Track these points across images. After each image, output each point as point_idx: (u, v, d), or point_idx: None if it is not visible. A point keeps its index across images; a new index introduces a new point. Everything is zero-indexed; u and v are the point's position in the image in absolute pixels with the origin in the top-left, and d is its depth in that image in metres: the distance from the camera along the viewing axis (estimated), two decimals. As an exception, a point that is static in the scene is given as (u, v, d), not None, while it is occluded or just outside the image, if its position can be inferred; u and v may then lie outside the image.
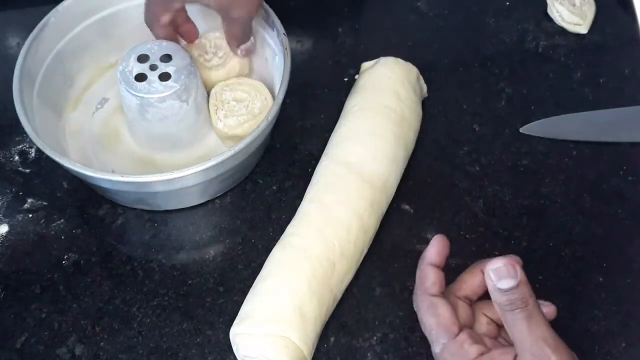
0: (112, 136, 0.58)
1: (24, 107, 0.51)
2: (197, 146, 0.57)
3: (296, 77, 0.56)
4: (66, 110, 0.59)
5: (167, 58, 0.53)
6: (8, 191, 0.56)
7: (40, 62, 0.56)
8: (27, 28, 0.68)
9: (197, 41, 0.58)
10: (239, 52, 0.56)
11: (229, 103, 0.56)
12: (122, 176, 0.48)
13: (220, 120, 0.55)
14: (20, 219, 0.55)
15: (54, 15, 0.56)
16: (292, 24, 0.69)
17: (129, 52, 0.53)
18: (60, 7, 0.56)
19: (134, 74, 0.52)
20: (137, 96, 0.51)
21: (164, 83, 0.52)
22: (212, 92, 0.57)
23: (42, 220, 0.55)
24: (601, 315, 0.50)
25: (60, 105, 0.58)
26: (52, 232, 0.54)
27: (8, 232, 0.54)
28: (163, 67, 0.53)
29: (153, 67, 0.53)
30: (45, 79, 0.56)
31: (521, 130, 0.60)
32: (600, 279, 0.52)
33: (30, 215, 0.55)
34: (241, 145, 0.49)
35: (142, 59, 0.53)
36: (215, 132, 0.56)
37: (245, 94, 0.56)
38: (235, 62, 0.58)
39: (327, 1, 0.71)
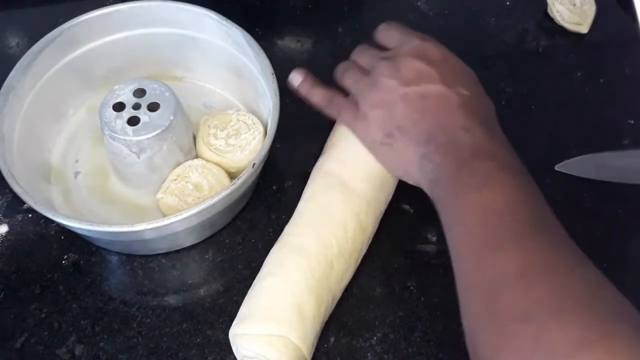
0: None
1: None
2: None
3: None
4: (49, 177, 0.56)
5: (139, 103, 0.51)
6: (8, 191, 0.56)
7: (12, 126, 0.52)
8: (27, 28, 0.68)
9: (218, 115, 0.55)
10: None
11: (186, 184, 0.52)
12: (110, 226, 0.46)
13: (163, 193, 0.52)
14: (20, 219, 0.55)
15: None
16: (292, 23, 0.70)
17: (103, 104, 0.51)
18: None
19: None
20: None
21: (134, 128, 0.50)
22: (178, 170, 0.53)
23: (42, 220, 0.54)
24: (601, 315, 0.50)
25: (42, 173, 0.55)
26: (52, 232, 0.54)
27: (8, 232, 0.54)
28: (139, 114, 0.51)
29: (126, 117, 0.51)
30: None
31: (557, 168, 0.58)
32: (600, 279, 0.52)
33: (30, 215, 0.55)
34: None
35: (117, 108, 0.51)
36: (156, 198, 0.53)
37: (206, 183, 0.52)
38: (244, 157, 0.53)
39: (327, 1, 0.71)
